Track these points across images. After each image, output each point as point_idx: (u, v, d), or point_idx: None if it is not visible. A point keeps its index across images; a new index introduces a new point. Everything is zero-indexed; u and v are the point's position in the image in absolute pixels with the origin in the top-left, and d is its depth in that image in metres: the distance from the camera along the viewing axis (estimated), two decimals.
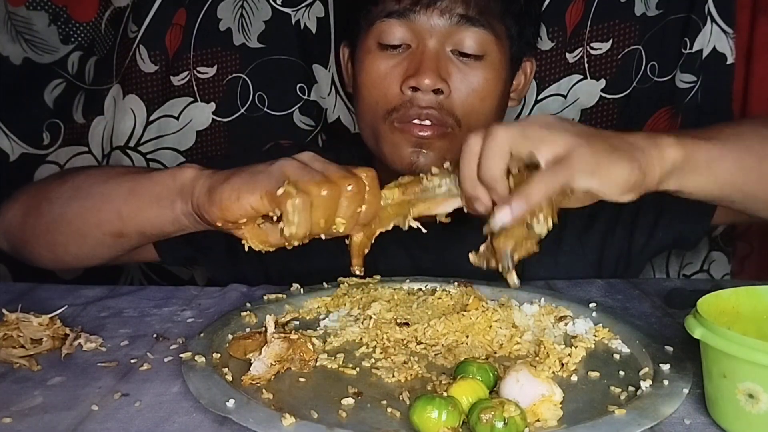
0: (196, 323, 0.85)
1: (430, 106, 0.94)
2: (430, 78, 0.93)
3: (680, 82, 1.28)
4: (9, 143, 1.30)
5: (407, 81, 0.94)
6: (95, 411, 0.63)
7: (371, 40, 0.98)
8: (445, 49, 0.96)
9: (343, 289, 0.91)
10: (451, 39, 0.95)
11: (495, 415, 0.56)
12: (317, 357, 0.72)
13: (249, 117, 1.34)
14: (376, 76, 0.97)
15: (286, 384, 0.68)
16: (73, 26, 1.28)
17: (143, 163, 1.32)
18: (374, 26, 0.97)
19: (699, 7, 1.25)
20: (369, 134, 1.02)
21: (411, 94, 0.95)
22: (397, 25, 0.95)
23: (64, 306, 0.84)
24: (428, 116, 0.95)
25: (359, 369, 0.71)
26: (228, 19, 1.30)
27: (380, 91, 0.97)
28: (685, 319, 0.62)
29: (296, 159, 0.74)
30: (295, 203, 0.68)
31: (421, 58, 0.94)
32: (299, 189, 0.69)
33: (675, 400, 0.62)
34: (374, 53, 0.97)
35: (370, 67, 0.98)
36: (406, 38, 0.96)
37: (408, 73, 0.95)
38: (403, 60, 0.96)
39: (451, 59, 0.96)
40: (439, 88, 0.94)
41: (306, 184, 0.69)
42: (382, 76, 0.97)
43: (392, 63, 0.96)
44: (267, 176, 0.72)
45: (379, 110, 0.98)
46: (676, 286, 0.97)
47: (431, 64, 0.94)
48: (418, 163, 0.96)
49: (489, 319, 0.79)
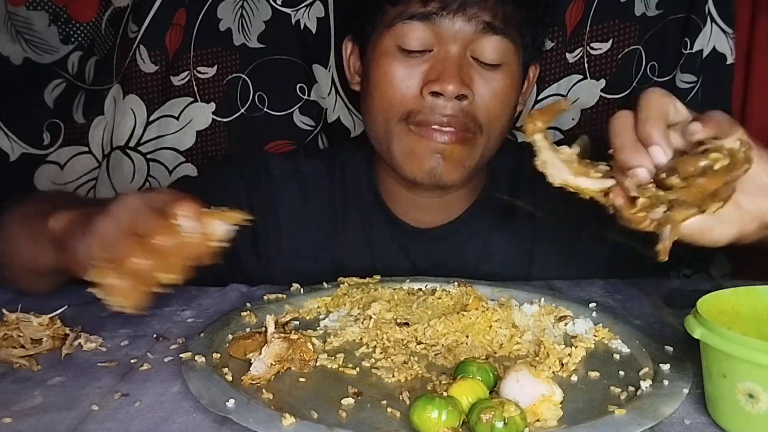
0: (196, 323, 0.85)
1: (453, 114, 0.94)
2: (455, 84, 0.92)
3: (680, 82, 1.28)
4: (9, 143, 1.30)
5: (429, 85, 0.93)
6: (95, 411, 0.63)
7: (389, 41, 0.96)
8: (466, 55, 0.95)
9: (343, 289, 0.91)
10: (472, 45, 0.94)
11: (495, 415, 0.56)
12: (317, 357, 0.72)
13: (249, 117, 1.34)
14: (394, 79, 0.96)
15: (286, 384, 0.68)
16: (73, 26, 1.28)
17: (143, 164, 1.32)
18: (394, 28, 0.95)
19: (699, 7, 1.25)
20: (380, 136, 1.00)
21: (432, 100, 0.93)
22: (420, 29, 0.94)
23: (64, 306, 0.84)
24: (450, 123, 0.94)
25: (359, 369, 0.71)
26: (228, 19, 1.30)
27: (398, 93, 0.95)
28: (685, 319, 0.62)
29: (100, 229, 0.67)
30: (103, 293, 0.66)
31: (444, 64, 0.93)
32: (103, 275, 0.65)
33: (675, 400, 0.62)
34: (393, 55, 0.96)
35: (388, 69, 0.96)
36: (429, 42, 0.94)
37: (430, 78, 0.93)
38: (423, 63, 0.95)
39: (473, 65, 0.95)
40: (463, 93, 0.93)
41: (104, 269, 0.65)
42: (401, 78, 0.95)
43: (410, 65, 0.95)
44: (80, 256, 0.68)
45: (395, 112, 0.96)
46: (676, 286, 0.97)
47: (454, 70, 0.93)
48: (437, 170, 0.96)
49: (489, 319, 0.79)
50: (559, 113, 0.70)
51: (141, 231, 0.66)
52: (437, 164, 0.96)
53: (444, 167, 0.96)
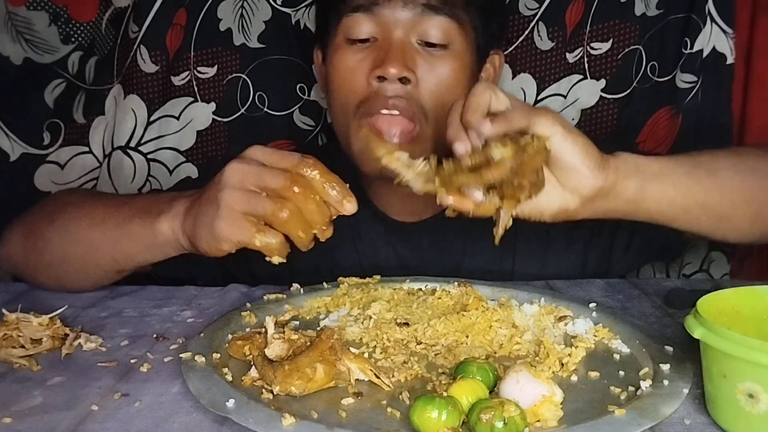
0: (196, 323, 0.85)
1: (397, 95, 0.95)
2: (396, 67, 0.93)
3: (680, 82, 1.28)
4: (9, 143, 1.29)
5: (373, 71, 0.95)
6: (95, 411, 0.63)
7: (339, 36, 0.99)
8: (411, 39, 0.97)
9: (343, 289, 0.91)
10: (416, 29, 0.96)
11: (495, 415, 0.56)
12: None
13: (249, 117, 1.34)
14: (344, 71, 0.98)
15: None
16: (73, 26, 1.28)
17: (144, 164, 1.32)
18: (341, 22, 0.98)
19: (699, 7, 1.25)
20: (342, 134, 1.02)
21: (378, 85, 0.95)
22: (363, 19, 0.97)
23: (64, 306, 0.84)
24: (395, 106, 0.95)
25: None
26: (228, 19, 1.30)
27: (349, 85, 0.98)
28: (685, 319, 0.62)
29: (235, 178, 0.75)
30: (262, 238, 0.74)
31: (387, 49, 0.95)
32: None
33: (675, 400, 0.62)
34: (343, 48, 0.98)
35: (339, 63, 0.99)
36: (373, 31, 0.97)
37: (375, 64, 0.95)
38: (371, 52, 0.97)
39: (417, 50, 0.97)
40: (405, 76, 0.94)
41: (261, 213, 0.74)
42: (351, 70, 0.97)
43: (360, 56, 0.97)
44: (223, 221, 0.75)
45: (350, 105, 0.98)
46: (676, 286, 0.97)
47: (397, 54, 0.95)
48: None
49: (489, 319, 0.79)
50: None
51: (272, 185, 0.73)
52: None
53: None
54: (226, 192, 0.75)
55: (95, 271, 0.94)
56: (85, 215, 0.94)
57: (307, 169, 0.75)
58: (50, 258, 0.95)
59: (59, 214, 0.96)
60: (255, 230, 0.74)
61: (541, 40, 1.29)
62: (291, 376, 0.64)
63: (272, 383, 0.64)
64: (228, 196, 0.75)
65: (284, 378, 0.64)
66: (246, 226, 0.74)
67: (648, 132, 1.31)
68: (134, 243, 0.88)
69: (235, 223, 0.75)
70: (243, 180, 0.75)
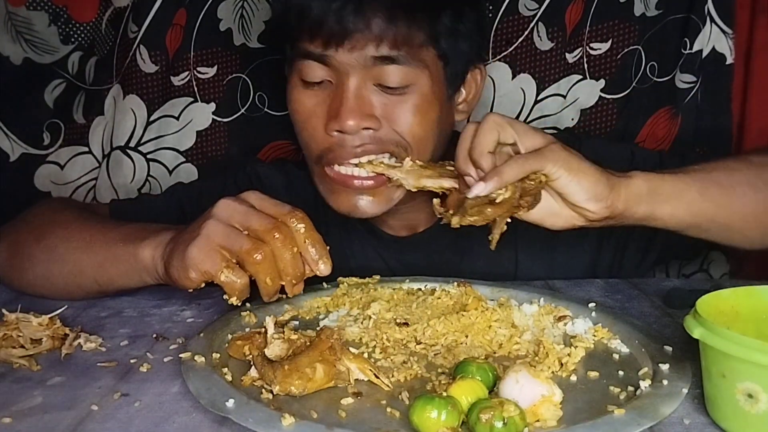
0: (196, 323, 0.85)
1: (363, 143, 0.91)
2: (353, 119, 0.89)
3: (680, 82, 1.28)
4: (9, 143, 1.30)
5: (330, 124, 0.91)
6: (95, 411, 0.63)
7: (296, 76, 0.95)
8: (367, 84, 0.91)
9: (343, 289, 0.91)
10: (371, 74, 0.90)
11: (494, 415, 0.56)
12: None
13: (249, 117, 1.34)
14: (303, 114, 0.95)
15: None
16: (73, 26, 1.28)
17: (144, 164, 1.32)
18: (296, 63, 0.94)
19: (699, 8, 1.25)
20: (310, 170, 1.00)
21: (339, 136, 0.91)
22: (316, 67, 0.91)
23: (64, 306, 0.84)
24: (366, 151, 0.91)
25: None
26: (228, 19, 1.30)
27: (309, 132, 0.95)
28: (685, 319, 0.62)
29: (223, 213, 0.77)
30: (228, 275, 0.75)
31: (342, 98, 0.90)
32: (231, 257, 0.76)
33: (674, 400, 0.63)
34: (299, 89, 0.95)
35: (297, 105, 0.95)
36: (327, 76, 0.92)
37: (330, 116, 0.91)
38: (326, 97, 0.92)
39: (376, 92, 0.91)
40: (366, 126, 0.90)
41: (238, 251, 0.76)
42: (308, 115, 0.94)
43: (316, 101, 0.93)
44: (196, 248, 0.76)
45: (312, 152, 0.96)
46: (675, 285, 0.97)
47: (353, 105, 0.90)
48: (360, 206, 0.94)
49: (488, 319, 0.79)
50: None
51: (255, 226, 0.76)
52: (360, 201, 0.95)
53: (369, 203, 0.95)
54: (209, 222, 0.77)
55: (77, 292, 0.93)
56: (73, 237, 0.93)
57: (294, 220, 0.77)
58: (34, 277, 0.95)
59: (47, 235, 0.95)
60: (224, 265, 0.76)
61: (541, 40, 1.29)
62: (291, 376, 0.64)
63: (272, 383, 0.64)
64: (210, 227, 0.77)
65: (284, 378, 0.64)
66: (216, 258, 0.76)
67: (647, 132, 1.31)
68: (116, 267, 0.88)
69: (207, 252, 0.76)
70: (230, 216, 0.77)
